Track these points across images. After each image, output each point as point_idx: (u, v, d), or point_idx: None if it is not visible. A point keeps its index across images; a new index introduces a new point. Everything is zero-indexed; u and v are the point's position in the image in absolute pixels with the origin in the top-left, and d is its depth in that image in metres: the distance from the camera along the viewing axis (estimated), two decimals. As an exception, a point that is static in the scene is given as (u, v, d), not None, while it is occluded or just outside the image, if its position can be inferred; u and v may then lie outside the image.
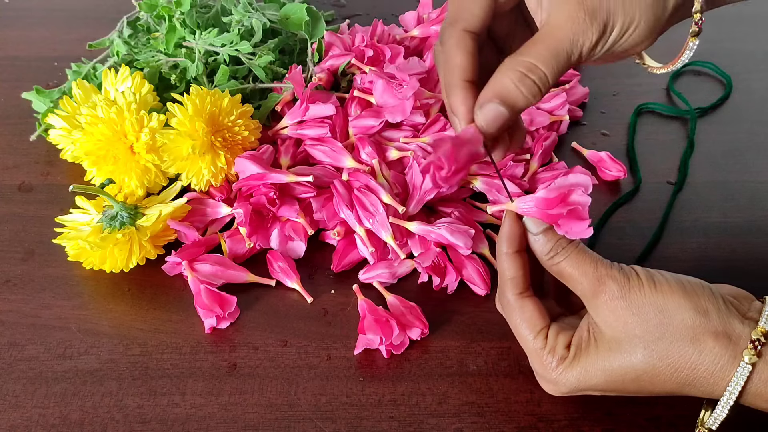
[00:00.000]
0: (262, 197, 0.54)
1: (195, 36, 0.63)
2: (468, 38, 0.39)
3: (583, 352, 0.41)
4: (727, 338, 0.38)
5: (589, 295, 0.41)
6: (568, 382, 0.42)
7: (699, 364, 0.39)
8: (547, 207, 0.41)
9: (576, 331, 0.43)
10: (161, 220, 0.53)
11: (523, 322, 0.43)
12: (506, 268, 0.43)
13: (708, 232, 0.58)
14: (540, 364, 0.43)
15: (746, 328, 0.39)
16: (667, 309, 0.39)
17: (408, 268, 0.53)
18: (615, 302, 0.40)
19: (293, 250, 0.55)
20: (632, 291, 0.40)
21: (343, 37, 0.68)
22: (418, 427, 0.45)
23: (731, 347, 0.38)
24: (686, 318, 0.39)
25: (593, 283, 0.40)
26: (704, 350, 0.39)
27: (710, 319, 0.39)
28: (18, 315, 0.51)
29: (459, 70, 0.39)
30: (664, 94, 0.71)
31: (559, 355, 0.42)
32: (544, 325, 0.43)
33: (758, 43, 0.78)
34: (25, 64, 0.74)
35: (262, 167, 0.54)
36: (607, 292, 0.40)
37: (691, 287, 0.40)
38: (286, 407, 0.46)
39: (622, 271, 0.41)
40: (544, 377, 0.43)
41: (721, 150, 0.66)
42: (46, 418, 0.45)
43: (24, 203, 0.60)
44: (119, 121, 0.54)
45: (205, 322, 0.50)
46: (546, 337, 0.42)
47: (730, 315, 0.39)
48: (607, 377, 0.41)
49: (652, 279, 0.40)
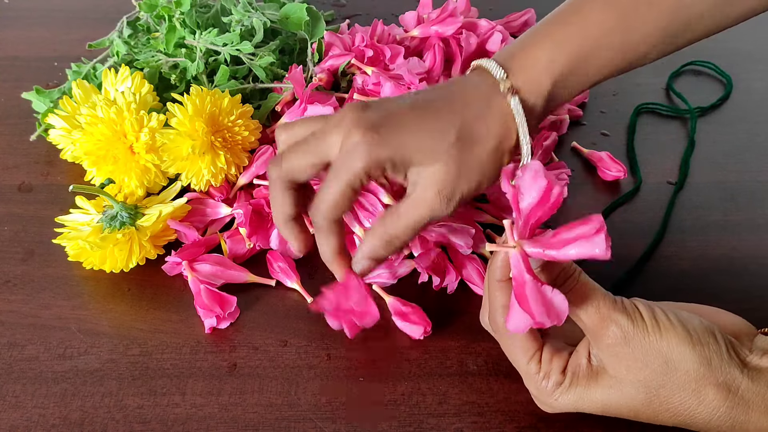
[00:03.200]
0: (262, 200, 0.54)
1: (195, 36, 0.63)
2: (290, 189, 0.46)
3: (580, 381, 0.41)
4: (727, 389, 0.38)
5: (590, 333, 0.40)
6: (564, 406, 0.42)
7: (698, 413, 0.39)
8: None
9: (573, 355, 0.42)
10: (161, 220, 0.53)
11: (515, 348, 0.43)
12: (498, 296, 0.42)
13: (708, 231, 0.58)
14: (535, 388, 0.43)
15: (745, 378, 0.38)
16: (671, 359, 0.39)
17: (408, 268, 0.53)
18: (618, 348, 0.39)
19: (293, 250, 0.55)
20: (636, 337, 0.39)
21: (343, 37, 0.68)
22: (418, 427, 0.45)
23: (730, 397, 0.38)
24: (690, 369, 0.38)
25: (595, 323, 0.39)
26: (705, 401, 0.39)
27: (713, 369, 0.38)
28: (18, 315, 0.51)
29: (282, 212, 0.46)
30: (663, 94, 0.71)
31: (555, 381, 0.41)
32: (536, 348, 0.42)
33: (758, 43, 0.78)
34: (25, 64, 0.74)
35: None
36: (611, 336, 0.39)
37: (697, 336, 0.39)
38: (286, 407, 0.46)
39: (626, 313, 0.39)
40: (539, 399, 0.44)
41: (721, 150, 0.66)
42: (46, 418, 0.45)
43: (24, 203, 0.60)
44: (119, 121, 0.54)
45: (205, 322, 0.50)
46: (540, 361, 0.42)
47: (732, 364, 0.39)
48: (603, 408, 0.41)
49: (657, 324, 0.39)
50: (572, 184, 0.61)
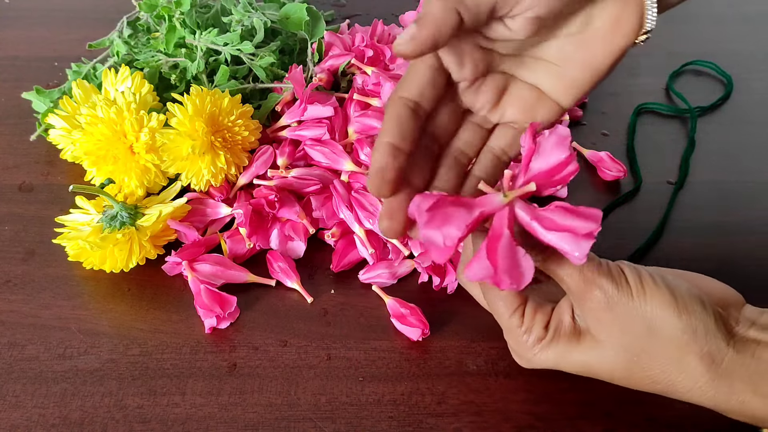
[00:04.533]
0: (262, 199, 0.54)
1: (195, 36, 0.63)
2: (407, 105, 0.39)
3: (562, 338, 0.41)
4: (711, 360, 0.38)
5: (574, 295, 0.40)
6: (542, 362, 0.42)
7: (678, 381, 0.39)
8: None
9: (556, 311, 0.42)
10: (161, 220, 0.53)
11: (499, 300, 0.42)
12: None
13: (707, 231, 0.58)
14: (515, 342, 0.42)
15: (730, 350, 0.38)
16: (655, 325, 0.38)
17: (408, 268, 0.54)
18: (601, 312, 0.39)
19: (293, 250, 0.55)
20: (620, 302, 0.38)
21: (343, 37, 0.68)
22: (418, 427, 0.45)
23: (713, 368, 0.38)
24: (673, 336, 0.38)
25: (579, 285, 0.39)
26: (686, 369, 0.38)
27: (697, 338, 0.38)
28: (18, 315, 0.51)
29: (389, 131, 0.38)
30: (663, 94, 0.71)
31: (536, 336, 0.41)
32: (520, 302, 0.42)
33: (759, 43, 0.78)
34: (25, 64, 0.74)
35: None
36: (594, 301, 0.38)
37: (684, 303, 0.38)
38: (286, 407, 0.46)
39: (610, 277, 0.38)
40: (518, 353, 0.43)
41: (721, 150, 0.66)
42: (46, 418, 0.45)
43: (24, 203, 0.60)
44: (119, 121, 0.54)
45: (205, 322, 0.50)
46: (522, 315, 0.42)
47: (718, 334, 0.38)
48: (581, 368, 0.41)
49: (642, 288, 0.38)
50: (572, 184, 0.61)
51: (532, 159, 0.37)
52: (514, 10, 0.36)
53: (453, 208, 0.36)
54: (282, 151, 0.58)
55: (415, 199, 0.36)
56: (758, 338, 0.39)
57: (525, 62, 0.41)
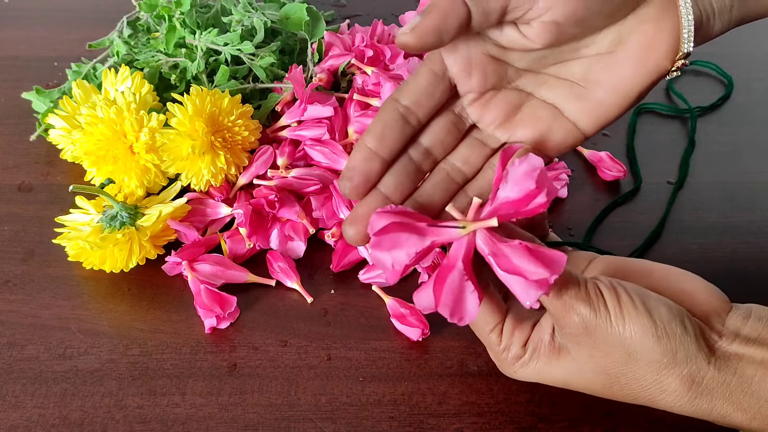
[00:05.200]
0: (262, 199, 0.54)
1: (195, 36, 0.63)
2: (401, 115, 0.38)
3: (541, 357, 0.41)
4: (691, 380, 0.37)
5: (553, 318, 0.39)
6: (523, 377, 0.42)
7: (659, 399, 0.38)
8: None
9: (536, 329, 0.41)
10: (161, 220, 0.53)
11: (478, 315, 0.41)
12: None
13: (708, 232, 0.58)
14: (495, 357, 0.43)
15: (711, 368, 0.37)
16: (634, 350, 0.37)
17: (408, 268, 0.53)
18: (580, 337, 0.38)
19: (293, 250, 0.55)
20: (598, 328, 0.37)
21: (343, 37, 0.68)
22: (418, 427, 0.45)
23: (693, 387, 0.37)
24: (653, 360, 0.37)
25: (557, 310, 0.38)
26: (667, 389, 0.38)
27: (677, 361, 0.37)
28: (18, 315, 0.51)
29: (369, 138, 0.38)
30: (663, 94, 0.71)
31: (514, 354, 0.41)
32: (499, 320, 0.41)
33: (759, 44, 0.78)
34: (25, 64, 0.74)
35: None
36: (572, 326, 0.37)
37: (663, 327, 0.37)
38: (286, 407, 0.46)
39: (588, 302, 0.37)
40: (500, 367, 0.43)
41: (722, 150, 0.66)
42: (46, 418, 0.45)
43: (24, 203, 0.60)
44: (119, 121, 0.54)
45: (205, 322, 0.50)
46: (501, 332, 0.41)
47: (699, 355, 0.37)
48: (562, 383, 0.41)
49: (620, 312, 0.37)
50: (572, 184, 0.61)
51: (499, 187, 0.35)
52: (529, 13, 0.34)
53: (405, 234, 0.35)
54: (282, 151, 0.58)
55: (372, 215, 0.35)
56: (740, 353, 0.38)
57: (545, 80, 0.38)
